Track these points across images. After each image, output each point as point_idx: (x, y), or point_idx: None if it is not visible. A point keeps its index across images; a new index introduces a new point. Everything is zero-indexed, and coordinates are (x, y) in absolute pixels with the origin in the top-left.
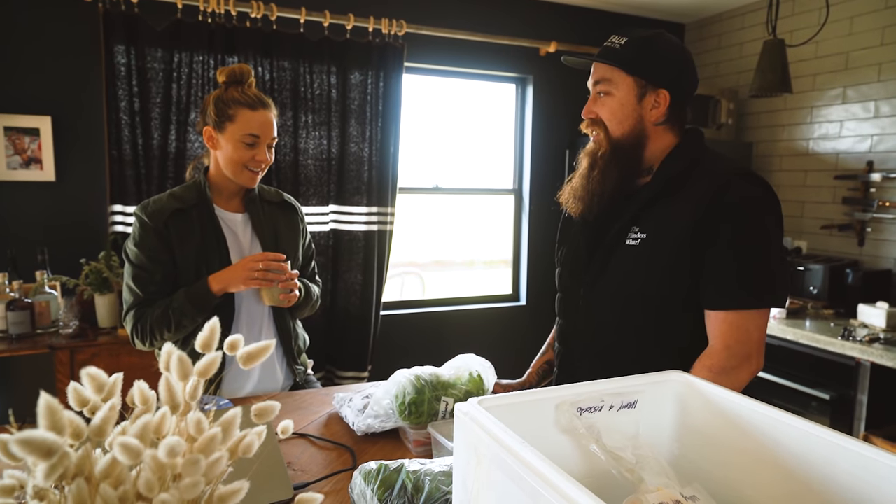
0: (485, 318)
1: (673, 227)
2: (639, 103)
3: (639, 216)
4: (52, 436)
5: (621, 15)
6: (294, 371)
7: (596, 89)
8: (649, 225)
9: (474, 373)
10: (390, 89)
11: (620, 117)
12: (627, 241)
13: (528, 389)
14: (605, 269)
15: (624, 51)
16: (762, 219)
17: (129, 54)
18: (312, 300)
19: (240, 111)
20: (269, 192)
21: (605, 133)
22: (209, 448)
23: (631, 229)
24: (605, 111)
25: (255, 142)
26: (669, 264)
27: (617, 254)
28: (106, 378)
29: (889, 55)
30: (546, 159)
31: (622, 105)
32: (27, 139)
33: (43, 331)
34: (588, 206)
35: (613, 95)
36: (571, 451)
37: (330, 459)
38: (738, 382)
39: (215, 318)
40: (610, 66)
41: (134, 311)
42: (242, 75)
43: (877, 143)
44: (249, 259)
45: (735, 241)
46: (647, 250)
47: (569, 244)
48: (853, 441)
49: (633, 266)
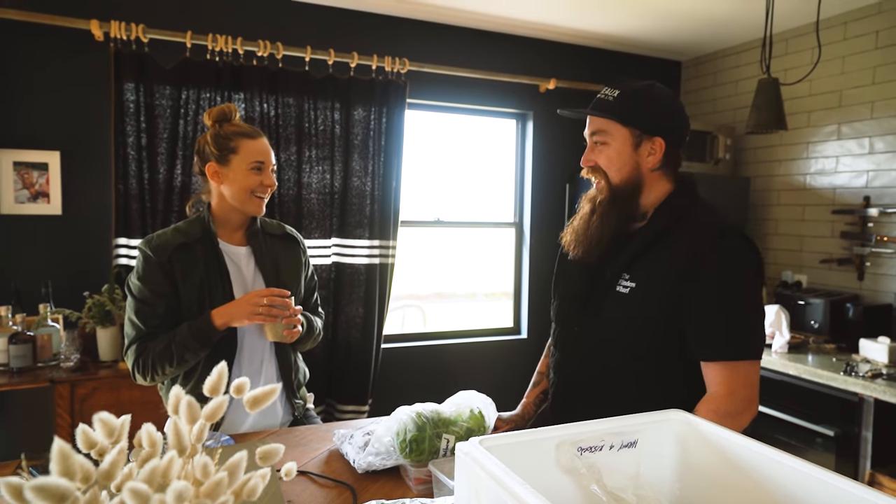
0: (486, 352)
1: (662, 278)
2: (635, 151)
3: (630, 264)
4: (64, 482)
5: (619, 53)
6: (293, 405)
7: (593, 139)
8: (640, 275)
9: (475, 409)
10: (393, 125)
11: (618, 165)
12: (619, 287)
13: (528, 420)
14: (598, 312)
15: (617, 102)
16: (745, 272)
17: (139, 91)
18: (315, 333)
19: (241, 141)
20: (272, 225)
21: (605, 179)
22: (215, 493)
23: (622, 276)
24: (602, 159)
25: (261, 167)
26: (658, 314)
27: (609, 299)
28: (116, 422)
29: (881, 94)
30: (546, 193)
31: (619, 153)
32: (35, 173)
33: (44, 364)
34: (587, 250)
35: (610, 145)
36: (573, 491)
37: (330, 497)
38: (741, 427)
39: (223, 362)
40: (606, 118)
41: (136, 345)
42: (230, 113)
43: (872, 178)
44: (254, 294)
45: (722, 293)
46: (638, 300)
47: (566, 283)
48: (854, 484)
49: (623, 313)
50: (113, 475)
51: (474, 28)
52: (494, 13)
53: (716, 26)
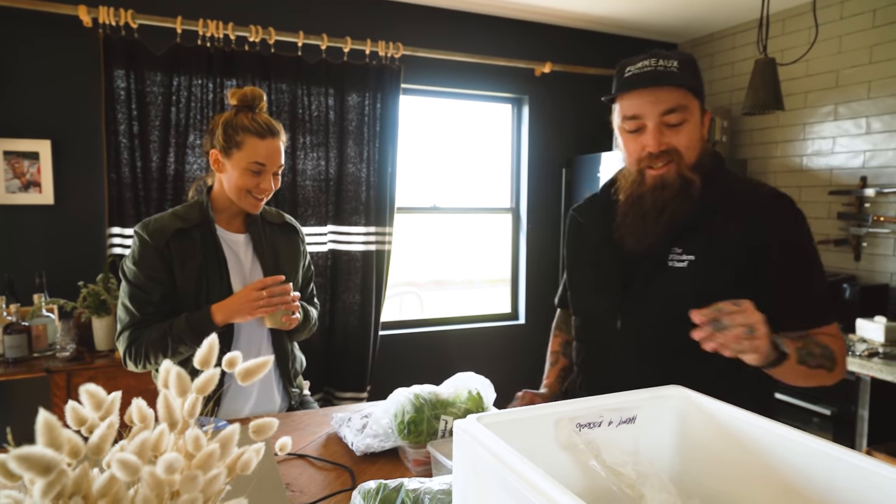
0: (484, 337)
1: (723, 247)
2: (702, 126)
3: (679, 236)
4: (50, 452)
5: (615, 36)
6: (290, 394)
7: (668, 119)
8: (695, 245)
9: (473, 391)
10: (387, 110)
11: (695, 144)
12: (671, 262)
13: (556, 399)
14: (646, 293)
15: (684, 73)
16: (808, 227)
17: (129, 78)
18: (311, 323)
19: (248, 139)
20: (271, 213)
21: (680, 164)
22: (207, 464)
23: (671, 251)
24: (683, 140)
25: (261, 170)
26: (725, 285)
27: (660, 276)
28: (105, 395)
29: (878, 73)
30: (543, 178)
31: (696, 130)
32: (26, 163)
33: (40, 354)
34: (640, 238)
35: (689, 122)
36: (572, 467)
37: (329, 480)
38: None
39: (214, 335)
40: (685, 91)
41: (129, 331)
42: (254, 100)
43: (869, 158)
44: (250, 289)
45: (804, 258)
46: (699, 272)
47: (597, 267)
48: (853, 454)
49: (680, 289)
50: (103, 450)
51: (469, 11)
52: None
53: (712, 7)
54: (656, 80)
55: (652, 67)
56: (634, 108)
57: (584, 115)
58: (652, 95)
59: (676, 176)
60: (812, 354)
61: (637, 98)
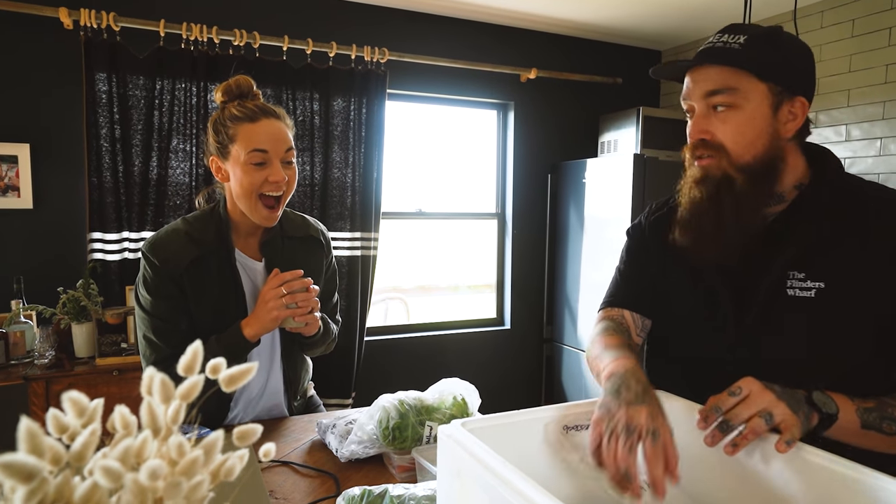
0: (469, 343)
1: (864, 273)
2: (774, 116)
3: (799, 259)
4: (32, 459)
5: (600, 42)
6: (294, 408)
7: (712, 101)
8: (824, 271)
9: (458, 397)
10: (373, 115)
11: (751, 136)
12: (791, 290)
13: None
14: (766, 327)
15: (749, 51)
16: None
17: (111, 81)
18: (330, 338)
19: (240, 127)
20: (294, 224)
21: (725, 158)
22: (191, 471)
23: (790, 276)
24: (728, 129)
25: (264, 159)
26: (869, 319)
27: (780, 308)
28: (87, 402)
29: (857, 81)
30: (528, 184)
31: (753, 119)
32: (4, 167)
33: (17, 361)
34: (720, 248)
35: (741, 108)
36: (559, 472)
37: (313, 487)
38: None
39: (198, 341)
40: (736, 70)
41: (160, 367)
42: (241, 88)
43: (849, 165)
44: (270, 295)
45: None
46: (834, 302)
47: (694, 296)
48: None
49: (809, 323)
50: (85, 457)
51: (455, 17)
52: (475, 1)
53: (695, 15)
54: (704, 58)
55: (712, 44)
56: (685, 90)
57: (570, 121)
58: (700, 74)
59: (725, 170)
60: (890, 418)
61: (688, 78)
